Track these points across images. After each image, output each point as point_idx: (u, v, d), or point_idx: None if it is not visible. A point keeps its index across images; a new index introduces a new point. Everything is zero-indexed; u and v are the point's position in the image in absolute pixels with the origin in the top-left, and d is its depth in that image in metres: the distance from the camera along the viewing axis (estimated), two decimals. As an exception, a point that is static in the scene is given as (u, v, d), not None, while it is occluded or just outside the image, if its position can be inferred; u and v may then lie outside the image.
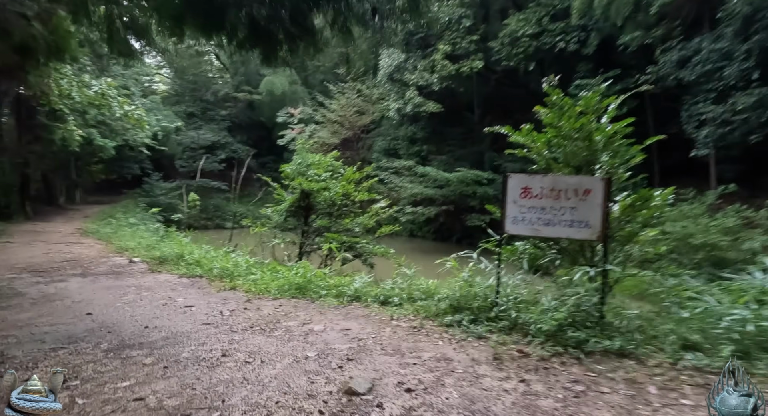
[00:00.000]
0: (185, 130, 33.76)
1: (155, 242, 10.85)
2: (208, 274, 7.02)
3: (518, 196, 4.22)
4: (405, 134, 28.16)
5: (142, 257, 8.80)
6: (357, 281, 5.63)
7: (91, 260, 8.78)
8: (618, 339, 3.65)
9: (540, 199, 4.10)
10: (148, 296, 5.73)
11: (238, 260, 7.55)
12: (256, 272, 6.89)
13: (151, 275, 7.10)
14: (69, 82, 13.84)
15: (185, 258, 8.02)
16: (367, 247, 8.70)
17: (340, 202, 8.93)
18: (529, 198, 4.16)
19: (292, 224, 9.42)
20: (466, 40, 20.07)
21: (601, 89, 4.98)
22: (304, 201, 9.05)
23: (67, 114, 15.84)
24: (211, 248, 9.96)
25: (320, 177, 8.99)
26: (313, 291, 5.62)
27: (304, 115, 31.88)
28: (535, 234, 4.17)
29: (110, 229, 15.74)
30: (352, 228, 8.97)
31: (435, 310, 4.63)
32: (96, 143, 21.12)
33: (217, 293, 5.91)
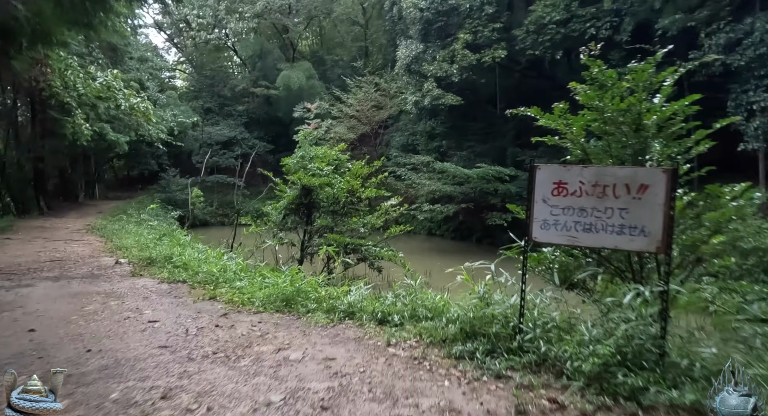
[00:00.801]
0: (202, 125, 33.50)
1: (153, 241, 10.22)
2: (191, 279, 6.27)
3: (550, 193, 3.26)
4: (423, 129, 27.15)
5: (131, 258, 8.14)
6: (352, 293, 4.74)
7: (77, 260, 8.17)
8: (689, 389, 2.66)
9: (579, 197, 3.14)
10: (114, 306, 4.98)
11: (228, 263, 6.78)
12: (243, 278, 6.09)
13: (130, 280, 6.38)
14: (74, 73, 13.38)
15: (173, 260, 7.29)
16: (373, 249, 7.79)
17: (345, 199, 8.04)
18: (565, 196, 3.19)
19: (292, 223, 8.61)
20: (489, 29, 18.90)
21: (658, 56, 3.96)
22: (305, 198, 8.20)
23: (74, 107, 15.43)
24: (207, 248, 9.25)
25: (322, 172, 8.14)
26: (301, 304, 4.77)
27: (320, 110, 31.21)
28: (572, 243, 3.20)
29: (117, 226, 15.32)
30: (358, 228, 8.08)
31: (442, 335, 3.71)
32: (108, 138, 20.83)
33: (193, 304, 5.12)
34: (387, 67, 31.02)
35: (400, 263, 7.46)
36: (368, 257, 7.70)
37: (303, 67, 35.05)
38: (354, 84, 29.08)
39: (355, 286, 5.06)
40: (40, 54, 9.21)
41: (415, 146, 27.53)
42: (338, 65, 38.76)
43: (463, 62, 18.91)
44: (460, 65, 18.98)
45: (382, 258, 7.80)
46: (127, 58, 24.51)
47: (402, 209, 8.73)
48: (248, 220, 9.27)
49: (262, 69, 37.18)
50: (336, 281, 7.45)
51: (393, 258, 7.74)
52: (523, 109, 4.47)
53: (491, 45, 19.32)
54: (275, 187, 9.39)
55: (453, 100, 19.84)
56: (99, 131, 19.63)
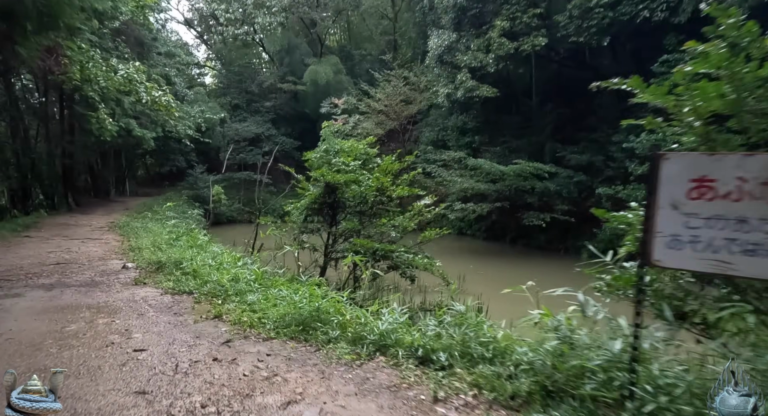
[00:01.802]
0: (230, 122, 33.28)
1: (168, 241, 9.53)
2: (198, 290, 5.44)
3: (684, 195, 2.18)
4: (455, 123, 25.94)
5: (140, 262, 7.42)
6: (385, 318, 3.75)
7: (84, 263, 7.51)
8: None
9: (736, 202, 2.05)
10: (101, 326, 4.18)
11: (241, 272, 5.92)
12: (257, 290, 5.21)
13: (131, 290, 5.61)
14: (96, 66, 12.94)
15: (182, 266, 6.51)
16: (406, 256, 6.76)
17: (374, 199, 7.05)
18: (711, 200, 2.11)
19: (315, 225, 7.71)
20: (528, 15, 17.51)
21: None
22: (329, 197, 7.27)
23: (97, 101, 15.05)
24: (224, 250, 8.47)
25: (348, 167, 7.16)
26: (321, 331, 3.82)
27: (348, 105, 30.46)
28: (723, 272, 2.12)
29: (139, 223, 14.89)
30: (388, 232, 7.07)
31: (510, 390, 2.69)
32: (135, 133, 20.59)
33: (194, 325, 4.27)
34: (416, 61, 29.94)
35: (438, 274, 6.43)
36: (400, 266, 6.69)
37: (330, 62, 34.38)
38: (383, 78, 28.12)
39: (387, 308, 4.07)
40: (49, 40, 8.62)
41: (445, 141, 26.36)
42: (366, 60, 37.94)
43: (499, 51, 17.61)
44: (496, 54, 17.68)
45: (416, 267, 6.77)
46: (155, 54, 24.27)
47: (438, 209, 7.68)
48: (268, 220, 8.42)
49: (290, 64, 36.69)
50: (363, 293, 6.51)
51: (429, 268, 6.69)
52: (616, 80, 3.36)
53: (530, 32, 17.93)
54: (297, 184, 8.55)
55: (488, 91, 18.54)
56: (125, 127, 19.37)
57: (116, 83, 13.72)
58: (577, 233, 19.49)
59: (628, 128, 18.35)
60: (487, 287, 7.70)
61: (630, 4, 15.65)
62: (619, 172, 18.46)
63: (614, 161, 18.65)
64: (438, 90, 20.92)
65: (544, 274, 17.72)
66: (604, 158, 19.04)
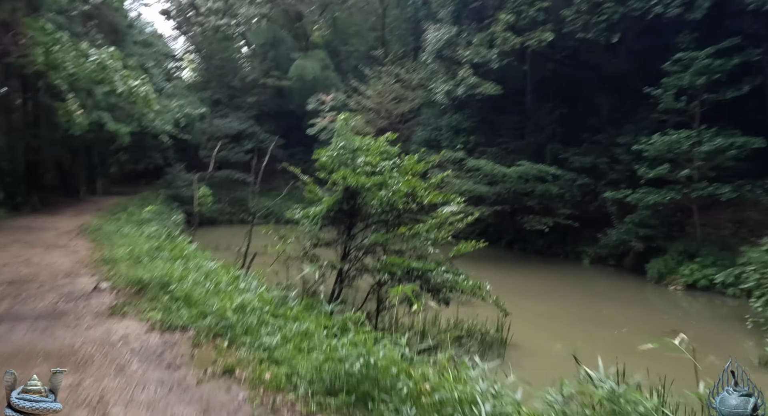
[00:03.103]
0: (210, 118, 31.60)
1: (149, 252, 8.19)
2: (195, 325, 4.22)
3: None
4: (448, 123, 25.00)
5: (116, 280, 6.10)
6: (480, 386, 2.63)
7: (46, 281, 6.16)
8: None
9: None
10: (62, 394, 2.94)
11: (246, 298, 4.72)
12: (271, 325, 4.04)
13: (106, 324, 4.34)
14: (63, 49, 11.39)
15: (171, 289, 5.25)
16: (447, 277, 5.61)
17: (403, 205, 5.89)
18: None
19: (329, 237, 6.51)
20: (534, 8, 16.65)
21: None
22: (347, 203, 6.10)
23: (65, 91, 13.43)
24: (216, 263, 7.22)
25: (376, 168, 5.99)
26: (385, 404, 2.68)
27: (336, 102, 29.24)
28: None
29: (113, 227, 13.36)
30: (423, 245, 5.89)
31: None
32: (108, 127, 18.88)
33: (197, 387, 3.07)
34: (408, 57, 28.97)
35: (492, 301, 5.30)
36: (440, 288, 5.53)
37: (318, 57, 33.05)
38: (373, 74, 27.03)
39: (467, 360, 2.95)
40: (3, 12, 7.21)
41: (438, 141, 25.34)
42: (353, 56, 36.77)
43: (504, 46, 16.70)
44: (501, 49, 16.77)
45: (461, 291, 5.62)
46: (131, 43, 22.53)
47: (471, 217, 6.60)
48: (270, 229, 7.18)
49: (274, 59, 35.13)
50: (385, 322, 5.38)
51: (478, 293, 5.55)
52: None
53: (535, 27, 17.10)
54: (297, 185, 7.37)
55: (492, 89, 17.62)
56: (97, 120, 17.70)
57: (88, 70, 12.19)
58: (577, 237, 18.82)
59: (636, 130, 17.76)
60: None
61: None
62: (625, 175, 17.82)
63: (619, 163, 18.00)
64: (437, 87, 19.88)
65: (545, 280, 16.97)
66: (609, 160, 18.40)
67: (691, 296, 14.13)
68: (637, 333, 9.84)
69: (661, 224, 16.21)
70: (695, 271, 14.17)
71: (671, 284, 14.70)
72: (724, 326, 11.24)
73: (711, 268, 13.90)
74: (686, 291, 14.29)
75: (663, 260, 15.32)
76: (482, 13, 18.55)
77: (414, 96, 26.31)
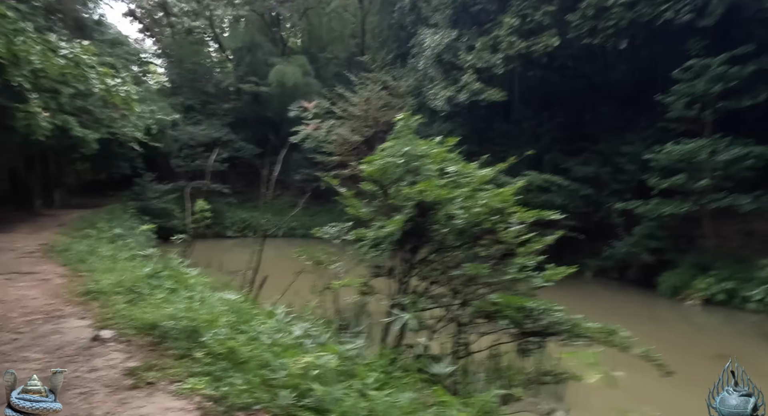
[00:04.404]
0: (183, 125, 29.59)
1: (145, 280, 6.69)
2: (265, 404, 2.92)
3: None
4: (439, 131, 24.16)
5: (119, 324, 4.64)
6: None
7: (20, 328, 4.62)
8: None
9: None
10: None
11: (313, 353, 3.46)
12: (372, 400, 2.80)
13: (130, 404, 2.96)
14: (27, 41, 9.70)
15: (203, 340, 3.89)
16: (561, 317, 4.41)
17: (489, 225, 4.69)
18: None
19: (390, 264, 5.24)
20: (540, 12, 16.09)
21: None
22: (415, 222, 4.86)
23: (28, 90, 11.59)
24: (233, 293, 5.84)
25: (453, 178, 4.80)
26: None
27: (319, 109, 27.97)
28: None
29: (85, 245, 11.49)
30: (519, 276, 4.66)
31: None
32: (74, 133, 16.86)
33: None
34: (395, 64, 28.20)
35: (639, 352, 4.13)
36: (561, 332, 4.30)
37: (298, 63, 31.78)
38: (359, 81, 26.03)
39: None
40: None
41: (428, 150, 24.59)
42: (332, 63, 35.71)
43: (509, 50, 16.02)
44: (506, 54, 16.08)
45: (588, 337, 4.35)
46: (98, 41, 20.53)
47: (553, 235, 5.53)
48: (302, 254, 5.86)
49: (251, 64, 33.50)
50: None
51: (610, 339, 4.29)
52: None
53: (539, 31, 16.54)
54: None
55: (497, 95, 16.89)
56: (62, 125, 15.71)
57: (57, 66, 10.48)
58: (576, 249, 18.22)
59: (640, 139, 17.44)
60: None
61: (651, 4, 14.60)
62: (629, 185, 17.44)
63: (623, 172, 17.61)
64: (436, 92, 19.00)
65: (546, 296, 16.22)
66: (612, 169, 17.99)
67: (709, 311, 13.64)
68: (682, 355, 9.06)
69: (670, 236, 15.82)
70: (712, 285, 13.73)
71: (687, 298, 14.18)
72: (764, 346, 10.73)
73: (729, 281, 13.50)
74: (704, 306, 13.81)
75: (676, 273, 14.88)
76: (482, 17, 17.91)
77: (402, 103, 25.50)
